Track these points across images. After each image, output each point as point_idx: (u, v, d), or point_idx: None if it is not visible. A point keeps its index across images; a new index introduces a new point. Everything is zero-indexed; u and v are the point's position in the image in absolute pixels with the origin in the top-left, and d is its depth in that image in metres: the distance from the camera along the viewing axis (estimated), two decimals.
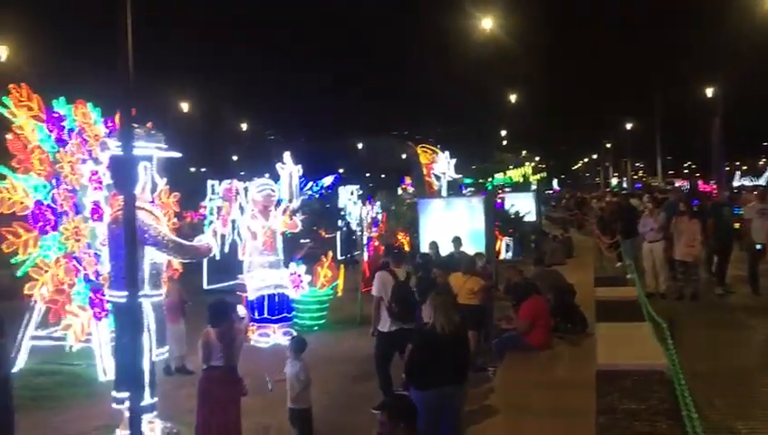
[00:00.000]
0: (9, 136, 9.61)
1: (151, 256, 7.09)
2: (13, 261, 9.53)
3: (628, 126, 56.53)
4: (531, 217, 23.67)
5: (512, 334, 9.70)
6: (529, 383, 8.21)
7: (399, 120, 67.72)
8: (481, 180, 24.60)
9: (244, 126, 58.80)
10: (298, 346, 7.23)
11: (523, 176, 42.07)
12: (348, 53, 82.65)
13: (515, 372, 8.80)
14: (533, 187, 38.68)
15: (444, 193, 19.54)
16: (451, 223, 14.96)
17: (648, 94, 47.05)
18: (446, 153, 20.65)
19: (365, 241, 16.78)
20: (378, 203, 23.98)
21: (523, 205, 22.66)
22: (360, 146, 68.27)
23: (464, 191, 21.81)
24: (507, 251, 20.52)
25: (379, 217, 20.68)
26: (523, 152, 56.23)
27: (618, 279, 15.95)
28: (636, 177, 72.82)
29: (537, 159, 65.23)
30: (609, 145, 69.11)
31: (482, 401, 7.89)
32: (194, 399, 6.59)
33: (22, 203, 9.38)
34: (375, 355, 8.54)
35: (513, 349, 9.38)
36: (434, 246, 12.92)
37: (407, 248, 16.17)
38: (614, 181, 68.23)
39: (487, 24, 22.47)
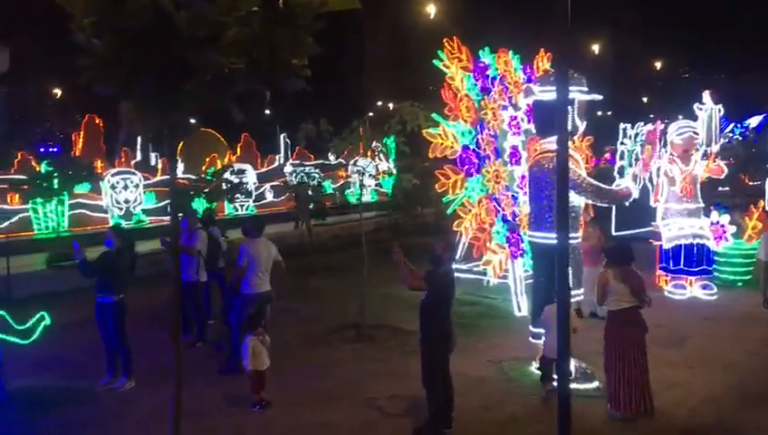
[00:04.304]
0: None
1: (569, 200, 7.16)
2: (444, 200, 10.65)
3: None
4: None
5: None
6: None
7: None
8: None
9: (657, 64, 55.09)
10: None
11: None
12: None
13: None
14: None
15: None
16: None
17: None
18: None
19: None
20: None
21: None
22: None
23: None
24: None
25: None
26: None
27: None
28: None
29: None
30: None
31: None
32: (602, 342, 6.63)
33: (452, 148, 10.32)
34: None
35: None
36: None
37: None
38: None
39: None
